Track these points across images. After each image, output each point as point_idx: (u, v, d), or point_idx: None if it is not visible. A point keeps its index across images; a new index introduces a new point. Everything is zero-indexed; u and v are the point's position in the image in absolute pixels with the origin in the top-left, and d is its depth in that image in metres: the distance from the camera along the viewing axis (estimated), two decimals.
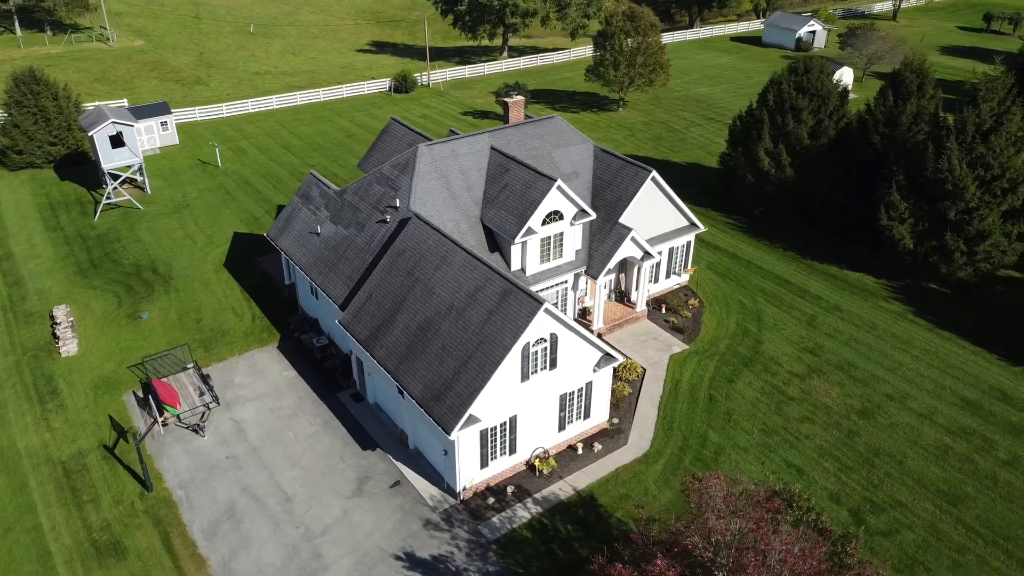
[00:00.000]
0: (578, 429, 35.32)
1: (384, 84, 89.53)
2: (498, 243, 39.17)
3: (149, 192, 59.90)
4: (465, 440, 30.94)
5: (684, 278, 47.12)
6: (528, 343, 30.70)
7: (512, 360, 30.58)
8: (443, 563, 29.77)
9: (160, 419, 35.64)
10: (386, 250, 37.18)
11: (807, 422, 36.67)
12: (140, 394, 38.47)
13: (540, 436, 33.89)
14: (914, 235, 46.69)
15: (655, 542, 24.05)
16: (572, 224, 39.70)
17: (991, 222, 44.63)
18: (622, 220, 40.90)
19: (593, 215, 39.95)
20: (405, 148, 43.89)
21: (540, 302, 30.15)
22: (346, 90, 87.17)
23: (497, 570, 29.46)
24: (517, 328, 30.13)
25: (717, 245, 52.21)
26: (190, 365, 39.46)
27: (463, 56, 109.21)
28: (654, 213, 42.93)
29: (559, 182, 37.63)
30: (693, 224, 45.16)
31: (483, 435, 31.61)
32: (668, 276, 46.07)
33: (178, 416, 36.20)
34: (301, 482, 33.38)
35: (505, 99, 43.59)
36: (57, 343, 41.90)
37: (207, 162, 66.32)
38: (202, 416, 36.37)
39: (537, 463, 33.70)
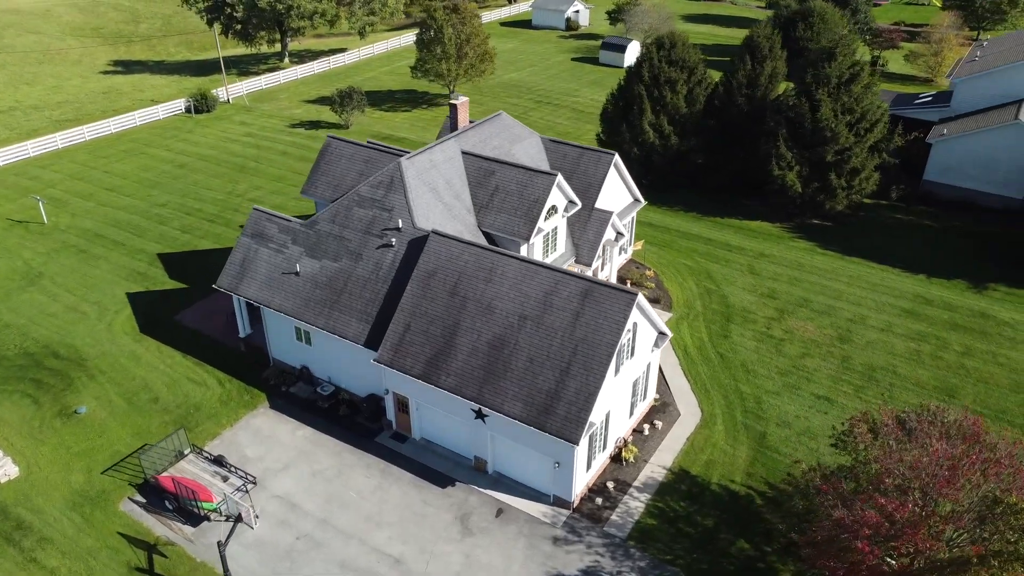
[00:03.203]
0: (639, 411, 36.07)
1: (179, 105, 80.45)
2: (501, 247, 38.09)
3: None
4: (580, 447, 30.32)
5: (629, 252, 49.21)
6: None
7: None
8: (594, 573, 29.15)
9: (238, 515, 30.40)
10: (404, 275, 34.60)
11: (807, 357, 40.71)
12: (142, 498, 32.23)
13: (619, 426, 34.14)
14: (800, 179, 53.02)
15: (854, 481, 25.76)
16: (563, 216, 39.86)
17: (863, 158, 52.17)
18: (598, 205, 41.81)
19: (579, 204, 40.41)
20: (360, 165, 40.76)
21: (634, 294, 30.35)
22: (139, 117, 77.05)
23: (647, 564, 29.53)
24: (617, 324, 30.06)
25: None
26: (188, 451, 33.75)
27: (235, 66, 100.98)
28: (612, 193, 44.30)
29: (559, 176, 37.59)
30: (637, 200, 47.27)
31: (591, 438, 31.21)
32: (620, 252, 47.86)
33: (216, 510, 30.99)
34: (400, 539, 30.47)
35: (453, 102, 42.02)
36: None
37: (25, 220, 55.52)
38: (238, 502, 31.46)
39: (624, 453, 33.95)
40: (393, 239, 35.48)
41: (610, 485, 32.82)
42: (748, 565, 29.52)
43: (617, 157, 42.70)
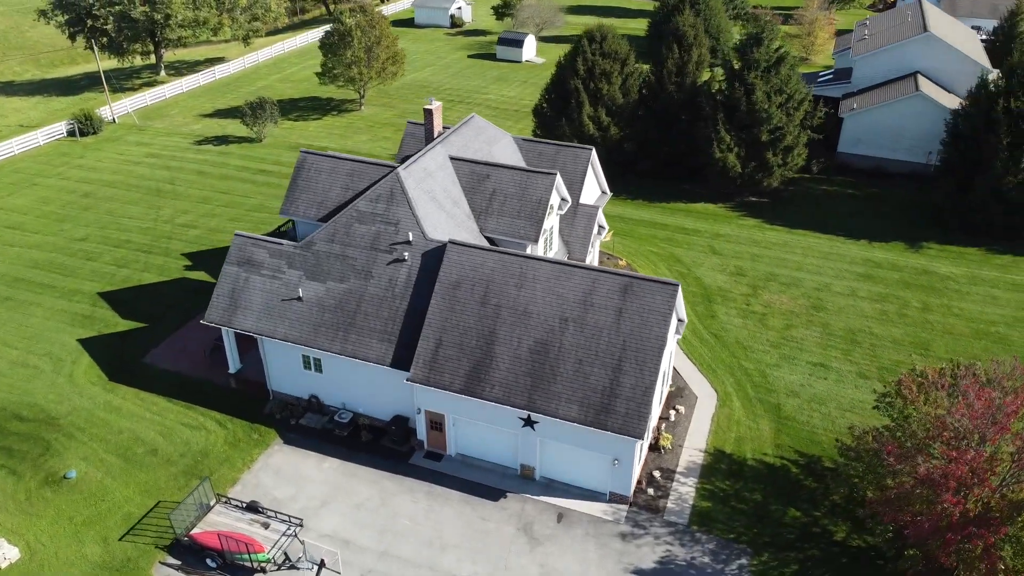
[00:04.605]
0: (664, 398, 36.79)
1: (59, 129, 73.36)
2: None
3: None
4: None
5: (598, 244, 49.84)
6: None
7: None
8: (670, 563, 29.59)
9: (320, 561, 28.59)
10: (423, 289, 33.49)
11: (791, 328, 42.89)
12: (175, 560, 29.54)
13: (655, 415, 34.70)
14: (739, 160, 55.57)
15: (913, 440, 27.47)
16: (558, 214, 39.89)
17: (796, 135, 55.37)
18: (582, 200, 42.12)
19: (571, 201, 40.56)
20: (343, 179, 38.89)
21: (675, 285, 30.92)
22: (16, 145, 69.58)
23: (715, 545, 30.29)
24: (663, 316, 30.56)
25: None
26: (213, 502, 31.21)
27: (97, 82, 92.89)
28: (587, 187, 44.65)
29: (558, 176, 37.56)
30: (604, 192, 47.89)
31: None
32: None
33: (270, 560, 28.89)
34: (470, 559, 29.66)
35: (428, 107, 40.76)
36: None
37: None
38: (285, 549, 29.48)
39: (660, 441, 34.55)
40: (405, 253, 34.23)
41: (656, 474, 33.35)
42: (805, 531, 30.90)
43: (594, 152, 43.11)
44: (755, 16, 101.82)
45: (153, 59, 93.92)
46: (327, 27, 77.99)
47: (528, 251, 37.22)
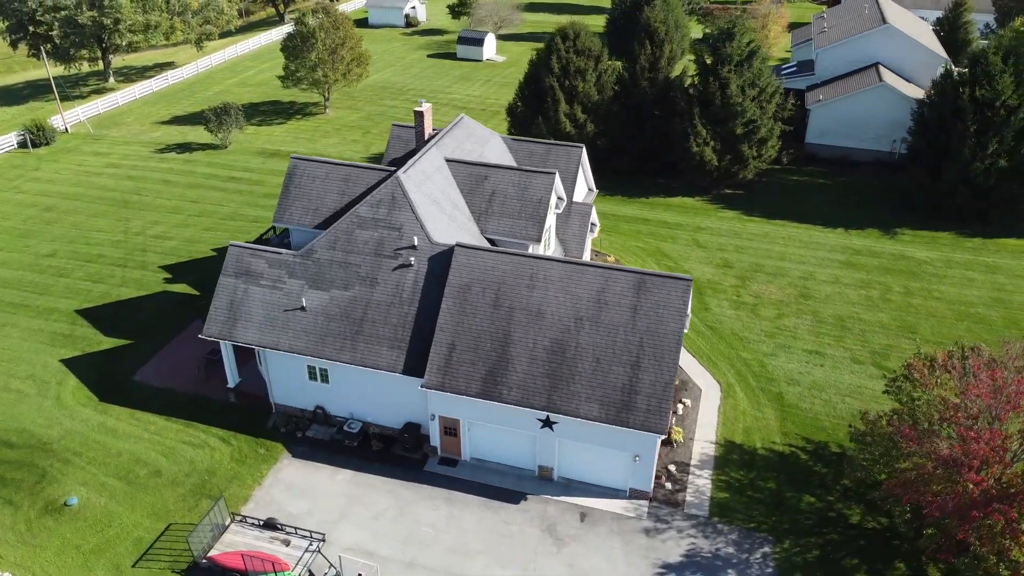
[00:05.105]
0: None
1: (10, 140, 70.27)
2: None
3: None
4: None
5: None
6: None
7: None
8: (696, 556, 29.88)
9: None
10: (432, 294, 33.10)
11: (783, 317, 43.69)
12: None
13: None
14: (716, 153, 56.34)
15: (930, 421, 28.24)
16: (555, 213, 39.86)
17: (769, 127, 56.38)
18: (573, 198, 42.18)
19: (567, 199, 40.56)
20: (338, 184, 38.17)
21: (688, 280, 31.20)
22: None
23: (737, 535, 30.70)
24: (679, 311, 30.80)
25: None
26: (228, 521, 30.35)
27: (50, 91, 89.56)
28: (578, 184, 44.74)
29: (557, 175, 37.50)
30: (591, 189, 48.06)
31: None
32: None
33: None
34: (498, 563, 29.45)
35: (418, 109, 40.24)
36: None
37: None
38: (309, 566, 28.86)
39: (672, 435, 34.83)
40: (411, 258, 33.77)
41: (672, 468, 33.62)
42: (822, 516, 31.51)
43: (584, 149, 43.19)
44: (711, 11, 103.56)
45: (101, 65, 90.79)
46: (286, 28, 76.41)
47: (530, 251, 37.16)
